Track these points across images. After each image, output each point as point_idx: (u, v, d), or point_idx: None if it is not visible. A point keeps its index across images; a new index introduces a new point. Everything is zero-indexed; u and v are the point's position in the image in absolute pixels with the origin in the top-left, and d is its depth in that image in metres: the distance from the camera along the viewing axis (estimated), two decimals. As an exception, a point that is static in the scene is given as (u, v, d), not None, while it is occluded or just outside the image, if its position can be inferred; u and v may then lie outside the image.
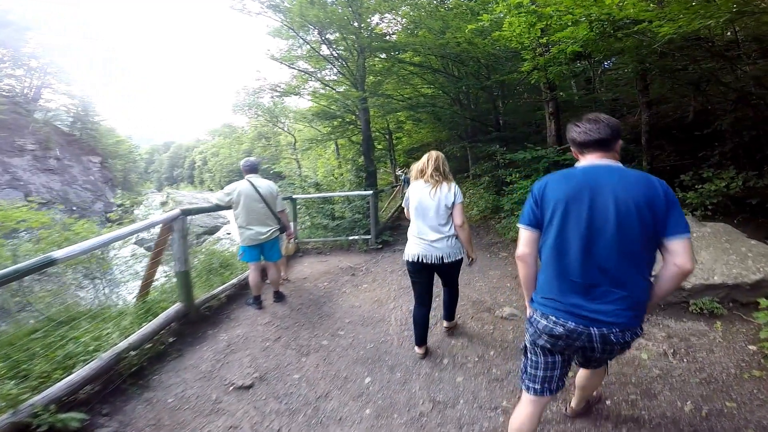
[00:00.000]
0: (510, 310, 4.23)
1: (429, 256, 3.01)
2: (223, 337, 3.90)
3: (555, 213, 1.64)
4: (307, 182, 8.69)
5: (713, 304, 3.65)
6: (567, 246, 1.61)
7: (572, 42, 4.74)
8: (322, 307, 4.70)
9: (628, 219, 1.51)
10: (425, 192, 3.00)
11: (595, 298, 1.59)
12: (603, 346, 1.61)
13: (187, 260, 3.83)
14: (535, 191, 1.74)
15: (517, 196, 7.31)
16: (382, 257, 6.91)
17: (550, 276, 1.70)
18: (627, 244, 1.54)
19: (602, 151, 1.67)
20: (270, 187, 4.43)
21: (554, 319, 1.66)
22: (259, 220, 4.30)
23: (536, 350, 1.83)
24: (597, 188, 1.57)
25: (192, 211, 4.04)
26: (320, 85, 10.48)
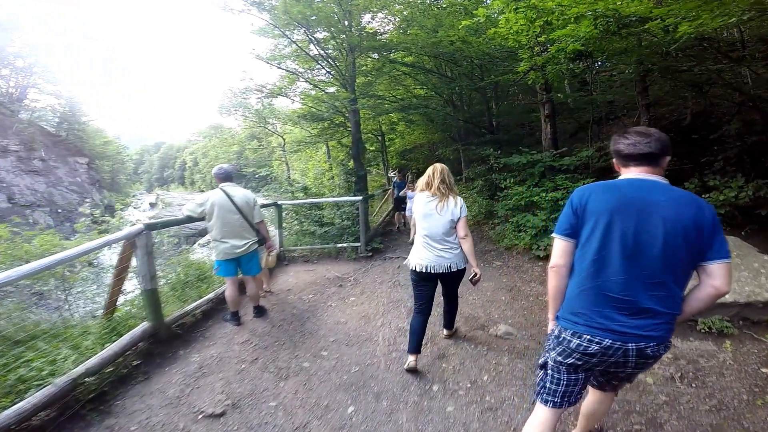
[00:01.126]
0: (505, 328, 3.95)
1: (437, 266, 3.10)
2: (195, 358, 3.60)
3: (597, 225, 1.59)
4: (294, 186, 8.34)
5: (723, 324, 3.42)
6: (608, 261, 1.56)
7: (573, 40, 4.48)
8: (305, 324, 4.41)
9: (675, 240, 1.49)
10: (432, 205, 3.09)
11: (633, 314, 1.55)
12: (638, 360, 1.59)
13: (154, 277, 3.52)
14: (575, 201, 1.68)
15: (511, 202, 7.05)
16: (371, 266, 6.62)
17: (586, 290, 1.64)
18: (671, 263, 1.51)
19: (649, 165, 1.62)
20: (246, 196, 4.13)
21: (589, 337, 1.60)
22: (235, 232, 4.00)
23: (560, 369, 1.77)
24: (645, 205, 1.53)
25: (158, 225, 3.72)
26: (308, 85, 10.14)
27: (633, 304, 1.55)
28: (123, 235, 3.31)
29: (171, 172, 74.64)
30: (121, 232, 3.39)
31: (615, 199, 1.58)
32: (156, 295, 3.61)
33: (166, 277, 5.36)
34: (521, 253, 6.48)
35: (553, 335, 1.79)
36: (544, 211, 6.34)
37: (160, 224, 3.80)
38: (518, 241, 6.58)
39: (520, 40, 5.50)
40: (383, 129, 18.46)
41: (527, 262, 6.12)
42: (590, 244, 1.61)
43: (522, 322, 4.15)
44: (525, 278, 5.48)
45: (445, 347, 3.68)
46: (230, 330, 4.18)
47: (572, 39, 4.43)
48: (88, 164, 33.77)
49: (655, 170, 1.63)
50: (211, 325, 4.34)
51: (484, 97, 11.55)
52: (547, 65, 5.47)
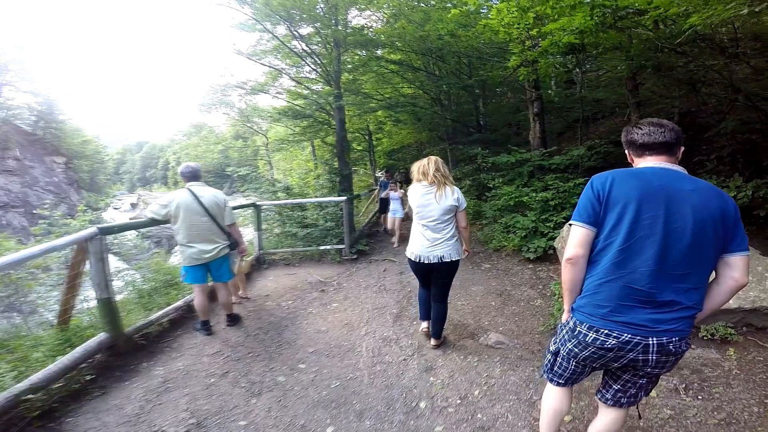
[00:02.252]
0: (496, 337, 3.71)
1: (431, 256, 3.13)
2: (159, 371, 3.30)
3: (625, 213, 1.49)
4: (276, 186, 7.98)
5: (727, 330, 3.24)
6: (637, 251, 1.48)
7: (567, 33, 4.27)
8: (282, 333, 4.12)
9: (704, 230, 1.44)
10: (429, 194, 3.09)
11: (658, 307, 1.49)
12: (658, 356, 1.53)
13: (109, 285, 3.18)
14: (597, 185, 1.58)
15: (500, 202, 6.84)
16: (356, 269, 6.33)
17: (609, 282, 1.54)
18: (699, 255, 1.47)
19: (666, 155, 1.58)
20: (216, 197, 3.81)
21: (606, 331, 1.55)
22: (203, 236, 3.68)
23: (571, 360, 1.77)
24: (673, 192, 1.47)
25: (113, 229, 3.38)
26: (291, 81, 9.81)
27: (656, 296, 1.48)
28: (70, 240, 2.96)
29: (154, 171, 73.28)
30: (69, 237, 3.04)
31: (642, 185, 1.49)
32: (112, 304, 3.29)
33: (134, 283, 5.01)
34: (510, 255, 6.27)
35: (568, 327, 1.74)
36: (534, 212, 6.14)
37: (116, 228, 3.46)
38: (507, 243, 6.37)
39: (511, 32, 5.26)
40: (370, 128, 18.24)
41: (517, 264, 5.91)
42: (617, 232, 1.52)
43: (513, 330, 3.92)
44: (515, 282, 5.26)
45: (432, 359, 3.43)
46: (200, 340, 3.86)
47: (566, 32, 4.22)
48: (66, 164, 32.87)
49: (672, 160, 1.58)
50: (179, 335, 4.02)
51: (471, 96, 11.40)
52: (540, 59, 5.22)
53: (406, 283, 5.41)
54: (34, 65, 35.96)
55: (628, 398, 1.78)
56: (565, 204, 5.88)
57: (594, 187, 1.60)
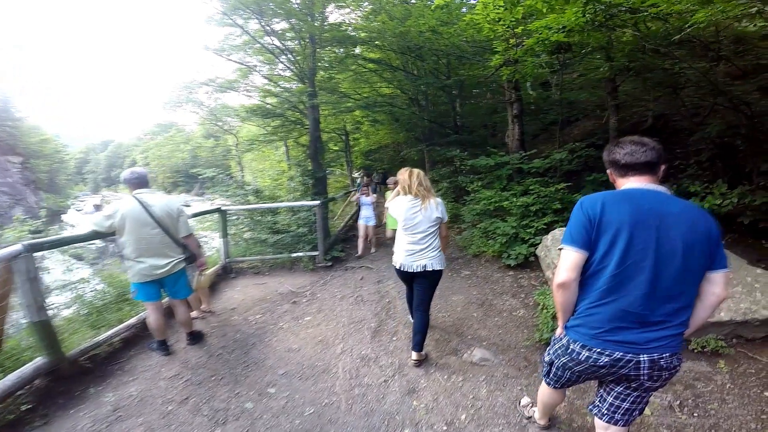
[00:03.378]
0: (480, 353, 3.48)
1: (414, 265, 3.22)
2: (109, 397, 2.98)
3: (618, 239, 1.52)
4: (245, 189, 7.51)
5: (718, 343, 3.12)
6: (630, 275, 1.52)
7: (555, 30, 4.09)
8: (250, 352, 3.79)
9: (692, 252, 1.49)
10: (416, 208, 3.19)
11: (650, 327, 1.54)
12: (650, 372, 1.57)
13: (43, 307, 2.78)
14: (588, 210, 1.59)
15: (479, 207, 6.64)
16: (331, 278, 6.00)
17: (603, 305, 1.58)
18: (688, 276, 1.52)
19: (648, 174, 1.60)
20: (168, 205, 3.41)
21: (599, 350, 1.60)
22: (154, 249, 3.30)
23: (566, 371, 1.82)
24: (663, 217, 1.50)
25: (44, 246, 2.92)
26: (262, 79, 9.33)
27: (649, 317, 1.53)
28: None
29: (119, 171, 70.19)
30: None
31: (633, 210, 1.51)
32: (49, 327, 2.90)
33: (80, 300, 4.55)
34: (490, 261, 6.07)
35: (561, 343, 1.78)
36: (514, 217, 5.97)
37: (47, 244, 3.00)
38: (487, 249, 6.18)
39: (495, 29, 5.05)
40: (347, 128, 17.91)
41: (497, 271, 5.72)
42: (610, 258, 1.54)
43: (498, 344, 3.70)
44: (496, 290, 5.06)
45: (414, 379, 3.18)
46: (156, 362, 3.52)
47: (552, 30, 4.04)
48: (22, 164, 31.01)
49: (653, 179, 1.61)
50: (133, 355, 3.66)
51: (449, 96, 11.25)
52: (526, 57, 5.00)
53: (385, 293, 5.13)
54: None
55: (623, 414, 1.77)
56: (547, 210, 5.74)
57: (585, 211, 1.60)
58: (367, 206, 7.31)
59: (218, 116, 12.13)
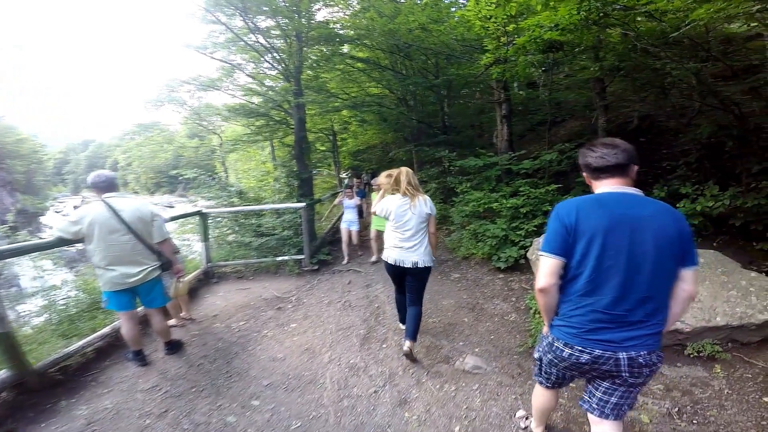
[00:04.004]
0: (473, 361, 3.37)
1: (405, 260, 3.31)
2: (82, 410, 2.83)
3: (592, 245, 1.58)
4: (227, 191, 7.25)
5: (714, 348, 3.06)
6: (604, 279, 1.58)
7: (548, 28, 3.99)
8: (232, 361, 3.62)
9: (663, 253, 1.54)
10: (405, 206, 3.30)
11: (627, 327, 1.59)
12: (630, 369, 1.62)
13: (4, 320, 2.56)
14: (564, 217, 1.65)
15: (468, 208, 6.54)
16: (318, 282, 5.83)
17: (581, 308, 1.66)
18: (662, 276, 1.58)
19: (621, 176, 1.65)
20: (140, 210, 3.22)
21: (580, 348, 1.66)
22: (125, 257, 3.11)
23: (552, 367, 1.88)
24: (634, 221, 1.56)
25: (3, 254, 2.72)
26: (246, 77, 9.08)
27: (627, 318, 1.58)
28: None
29: (101, 172, 68.74)
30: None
31: (606, 216, 1.57)
32: (11, 339, 2.72)
33: (51, 308, 4.31)
34: (480, 264, 5.98)
35: (547, 340, 1.85)
36: (504, 219, 5.88)
37: (6, 252, 2.78)
38: (476, 251, 6.09)
39: (487, 26, 4.93)
40: (335, 128, 17.71)
41: (487, 274, 5.62)
42: (585, 264, 1.60)
43: (490, 351, 3.59)
44: (487, 294, 4.96)
45: (406, 389, 3.06)
46: (133, 373, 3.36)
47: (545, 28, 3.95)
48: (-3, 164, 29.94)
49: (626, 181, 1.66)
50: (107, 366, 3.50)
51: (437, 96, 11.16)
52: (518, 55, 4.87)
53: (374, 298, 4.99)
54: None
55: (612, 409, 1.79)
56: (537, 212, 5.66)
57: (561, 219, 1.65)
58: (350, 209, 6.96)
59: (201, 116, 11.77)
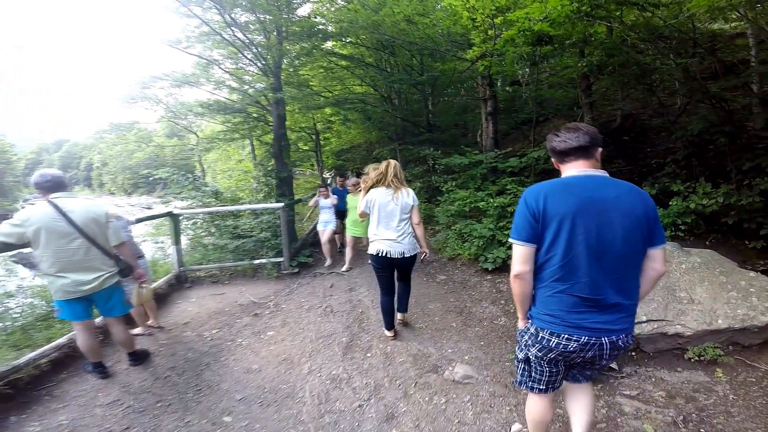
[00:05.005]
0: (463, 370, 3.15)
1: (393, 251, 3.39)
2: (34, 427, 2.62)
3: (561, 229, 1.58)
4: (202, 191, 6.84)
5: (716, 351, 2.93)
6: (577, 264, 1.58)
7: (539, 20, 3.81)
8: (202, 374, 3.35)
9: (632, 233, 1.57)
10: (387, 197, 3.40)
11: (606, 310, 1.60)
12: (611, 352, 1.66)
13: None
14: (531, 203, 1.64)
15: (454, 207, 6.35)
16: (297, 285, 5.53)
17: (557, 293, 1.64)
18: (632, 256, 1.61)
19: (584, 158, 1.67)
20: (92, 211, 2.91)
21: (567, 336, 1.64)
22: (78, 263, 2.81)
23: (542, 362, 1.82)
24: (601, 203, 1.57)
25: None
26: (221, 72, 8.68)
27: (603, 300, 1.59)
28: None
29: (75, 173, 66.75)
30: None
31: (573, 200, 1.57)
32: None
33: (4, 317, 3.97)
34: (466, 265, 5.78)
35: (529, 332, 1.80)
36: (491, 219, 5.70)
37: None
38: (462, 251, 5.89)
39: (474, 17, 4.72)
40: (318, 127, 17.37)
41: (474, 275, 5.43)
42: (555, 248, 1.60)
43: (481, 358, 3.38)
44: (474, 296, 4.76)
45: (392, 403, 2.85)
46: (92, 386, 3.10)
47: (537, 19, 3.77)
48: (-39, 164, 28.61)
49: (591, 162, 1.66)
50: (64, 378, 3.19)
51: (422, 94, 10.99)
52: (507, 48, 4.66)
53: (357, 302, 4.73)
54: None
55: (585, 378, 1.95)
56: (524, 210, 5.49)
57: (528, 204, 1.64)
58: (326, 209, 6.54)
59: (176, 113, 11.30)
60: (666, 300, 3.06)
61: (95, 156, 58.78)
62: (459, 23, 5.43)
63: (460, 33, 7.04)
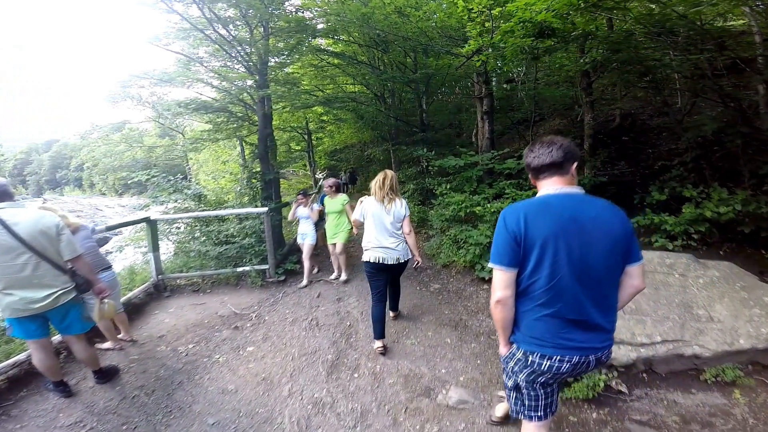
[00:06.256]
0: (458, 394, 2.87)
1: (388, 258, 3.52)
2: None
3: (545, 252, 1.54)
4: (184, 194, 6.45)
5: (735, 372, 2.67)
6: (562, 287, 1.55)
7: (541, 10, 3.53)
8: (174, 393, 3.11)
9: (612, 252, 1.56)
10: (381, 208, 3.54)
11: (591, 330, 1.60)
12: (596, 366, 1.70)
13: None
14: (512, 226, 1.59)
15: (448, 212, 6.05)
16: (283, 295, 5.20)
17: (544, 317, 1.61)
18: (612, 275, 1.61)
19: (558, 175, 1.65)
20: (41, 222, 2.63)
21: (559, 357, 1.61)
22: (25, 280, 2.55)
23: (535, 386, 1.76)
24: (581, 223, 1.55)
25: None
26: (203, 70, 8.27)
27: (587, 321, 1.58)
28: None
29: (65, 173, 65.79)
30: None
31: (554, 221, 1.55)
32: None
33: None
34: (461, 273, 5.46)
35: (516, 358, 1.75)
36: (487, 225, 5.40)
37: None
38: (457, 258, 5.58)
39: (471, 7, 4.40)
40: (310, 127, 17.05)
41: (470, 284, 5.13)
42: (539, 272, 1.57)
43: (477, 379, 3.09)
44: (470, 308, 4.47)
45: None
46: (53, 405, 2.91)
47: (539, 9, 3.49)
48: (-55, 164, 27.95)
49: (566, 179, 1.64)
50: (23, 397, 3.01)
51: (416, 93, 10.69)
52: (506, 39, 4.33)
53: (345, 314, 4.42)
54: None
55: (551, 406, 1.84)
56: (523, 215, 5.21)
57: (509, 227, 1.60)
58: (305, 220, 5.74)
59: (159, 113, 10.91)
60: (683, 318, 2.79)
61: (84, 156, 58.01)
62: (454, 15, 5.14)
63: (455, 27, 6.75)
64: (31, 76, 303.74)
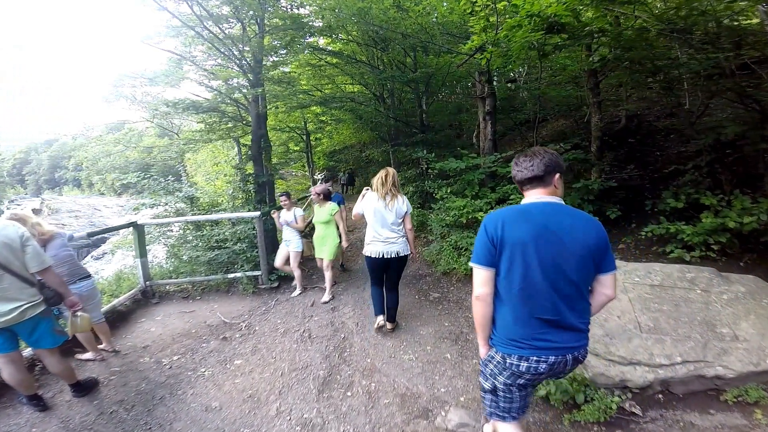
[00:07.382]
0: (458, 416, 2.66)
1: (388, 251, 3.66)
2: None
3: (516, 255, 1.62)
4: (175, 196, 6.21)
5: (759, 393, 2.46)
6: (534, 288, 1.62)
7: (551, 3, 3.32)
8: (155, 409, 2.93)
9: (585, 259, 1.62)
10: (383, 204, 3.64)
11: (567, 330, 1.65)
12: (573, 366, 1.73)
13: None
14: (490, 230, 1.68)
15: (449, 218, 5.82)
16: (275, 303, 4.97)
17: (518, 318, 1.67)
18: (584, 280, 1.67)
19: (541, 186, 1.72)
20: (3, 234, 2.48)
21: (536, 358, 1.66)
22: None
23: (512, 389, 1.81)
24: (557, 230, 1.61)
25: None
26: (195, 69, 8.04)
27: (561, 321, 1.64)
28: None
29: (64, 172, 65.54)
30: None
31: (530, 227, 1.62)
32: None
33: None
34: (463, 281, 5.20)
35: (495, 361, 1.79)
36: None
37: None
38: (458, 266, 5.34)
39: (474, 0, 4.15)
40: (309, 128, 16.83)
41: (471, 294, 4.87)
42: (513, 274, 1.63)
43: (479, 400, 2.86)
44: (472, 320, 4.17)
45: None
46: (26, 420, 2.79)
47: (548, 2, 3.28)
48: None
49: (548, 189, 1.72)
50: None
51: (415, 93, 10.46)
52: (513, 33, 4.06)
53: (340, 325, 4.19)
54: None
55: (525, 408, 1.90)
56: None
57: (488, 231, 1.68)
58: (287, 225, 5.20)
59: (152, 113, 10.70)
60: (705, 338, 2.57)
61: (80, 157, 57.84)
62: (456, 10, 4.93)
63: (457, 23, 6.53)
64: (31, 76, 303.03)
